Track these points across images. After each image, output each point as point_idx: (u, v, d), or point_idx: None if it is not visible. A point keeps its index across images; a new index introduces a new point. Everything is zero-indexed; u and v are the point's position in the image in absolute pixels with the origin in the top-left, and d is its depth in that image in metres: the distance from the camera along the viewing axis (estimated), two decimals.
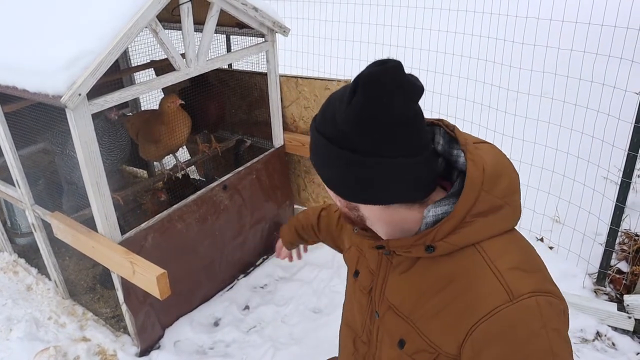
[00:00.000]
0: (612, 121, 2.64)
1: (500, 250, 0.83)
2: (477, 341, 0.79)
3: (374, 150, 0.79)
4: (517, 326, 0.76)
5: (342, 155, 0.80)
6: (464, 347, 0.81)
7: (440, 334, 0.86)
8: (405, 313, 0.93)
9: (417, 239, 0.85)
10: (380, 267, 1.00)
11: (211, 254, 2.66)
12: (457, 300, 0.83)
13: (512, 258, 0.82)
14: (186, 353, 2.41)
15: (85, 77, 1.76)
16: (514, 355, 0.76)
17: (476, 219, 0.82)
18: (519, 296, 0.77)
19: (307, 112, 2.93)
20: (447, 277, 0.85)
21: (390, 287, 0.97)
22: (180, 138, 2.66)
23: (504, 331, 0.76)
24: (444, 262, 0.86)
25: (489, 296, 0.79)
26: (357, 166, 0.80)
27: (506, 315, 0.76)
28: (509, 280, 0.79)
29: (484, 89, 3.44)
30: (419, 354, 0.90)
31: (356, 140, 0.79)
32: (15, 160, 2.31)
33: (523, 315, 0.76)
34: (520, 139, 3.14)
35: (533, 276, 0.81)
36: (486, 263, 0.82)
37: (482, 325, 0.78)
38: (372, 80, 0.77)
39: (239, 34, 2.87)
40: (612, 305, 2.44)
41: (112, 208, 2.06)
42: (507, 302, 0.77)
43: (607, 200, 2.66)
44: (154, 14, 1.92)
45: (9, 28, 2.18)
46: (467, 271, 0.83)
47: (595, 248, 2.68)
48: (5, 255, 3.06)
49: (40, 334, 2.47)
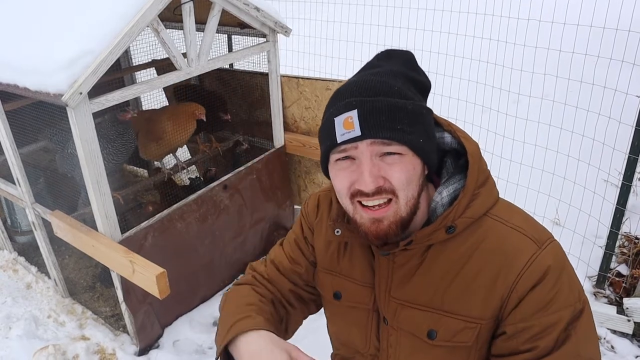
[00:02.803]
0: (613, 124, 2.63)
1: (507, 211, 0.92)
2: (522, 291, 0.85)
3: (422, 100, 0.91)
4: (551, 268, 0.85)
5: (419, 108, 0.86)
6: (508, 301, 0.86)
7: (478, 305, 0.88)
8: (424, 304, 0.93)
9: (440, 222, 0.88)
10: (380, 271, 0.98)
11: (211, 254, 2.66)
12: (486, 265, 0.88)
13: (519, 214, 0.93)
14: (185, 352, 2.41)
15: (87, 76, 1.76)
16: (552, 291, 0.85)
17: (481, 190, 0.89)
18: (542, 243, 0.87)
19: (307, 113, 2.93)
20: (467, 252, 0.90)
21: (399, 285, 0.96)
22: (184, 136, 2.67)
23: (543, 275, 0.85)
24: (458, 240, 0.90)
25: (520, 249, 0.87)
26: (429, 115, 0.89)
27: (540, 261, 0.85)
28: (530, 232, 0.89)
29: (485, 91, 3.44)
30: (458, 335, 0.91)
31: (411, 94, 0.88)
32: (15, 159, 2.31)
33: (552, 257, 0.86)
34: (521, 141, 3.14)
35: (539, 225, 0.92)
36: (504, 224, 0.90)
37: (525, 275, 0.85)
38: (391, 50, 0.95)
39: (241, 33, 2.87)
40: (611, 308, 2.44)
41: (112, 207, 2.06)
42: (537, 250, 0.86)
43: (607, 203, 2.65)
44: (155, 14, 1.92)
45: (10, 26, 2.18)
46: (488, 237, 0.89)
47: (595, 251, 2.68)
48: (5, 254, 3.06)
49: (40, 333, 2.47)
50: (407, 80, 0.89)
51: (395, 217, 0.87)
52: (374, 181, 0.84)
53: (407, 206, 0.87)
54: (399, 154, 0.84)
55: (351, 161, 0.87)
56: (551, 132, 3.08)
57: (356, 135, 0.83)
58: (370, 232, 0.89)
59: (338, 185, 0.90)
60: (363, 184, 0.84)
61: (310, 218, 1.14)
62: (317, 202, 1.14)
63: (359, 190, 0.86)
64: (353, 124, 0.82)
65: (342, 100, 0.86)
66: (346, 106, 0.84)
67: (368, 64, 0.95)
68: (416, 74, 0.92)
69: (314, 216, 1.13)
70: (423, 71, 0.95)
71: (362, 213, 0.88)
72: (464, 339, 0.90)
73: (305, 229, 1.15)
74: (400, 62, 0.93)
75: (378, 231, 0.88)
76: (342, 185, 0.89)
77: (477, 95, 3.48)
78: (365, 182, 0.84)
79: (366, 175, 0.84)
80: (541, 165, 3.04)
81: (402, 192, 0.86)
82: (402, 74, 0.89)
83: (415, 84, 0.90)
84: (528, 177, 2.95)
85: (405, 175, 0.85)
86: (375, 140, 0.83)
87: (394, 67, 0.91)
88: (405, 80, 0.89)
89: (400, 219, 0.87)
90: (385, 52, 0.96)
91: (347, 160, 0.87)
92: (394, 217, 0.87)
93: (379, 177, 0.85)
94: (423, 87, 0.92)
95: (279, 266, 1.14)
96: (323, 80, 2.76)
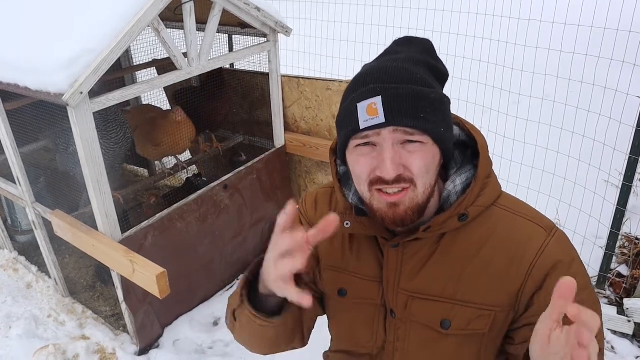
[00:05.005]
0: (614, 124, 2.63)
1: (513, 201, 0.96)
2: (539, 275, 0.88)
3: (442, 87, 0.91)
4: (563, 251, 0.90)
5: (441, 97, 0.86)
6: (525, 287, 0.89)
7: (492, 292, 0.90)
8: (437, 294, 0.93)
9: (455, 208, 0.90)
10: (389, 263, 0.97)
11: (211, 254, 2.66)
12: (499, 253, 0.90)
13: (525, 205, 0.96)
14: (185, 352, 2.41)
15: (87, 76, 1.76)
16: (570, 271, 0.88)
17: (489, 180, 0.93)
18: (550, 230, 0.91)
19: (308, 113, 2.93)
20: (479, 241, 0.92)
21: (409, 277, 0.96)
22: (181, 148, 2.66)
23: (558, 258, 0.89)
24: (470, 229, 0.92)
25: (531, 237, 0.90)
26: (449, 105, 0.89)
27: (552, 247, 0.89)
28: (538, 220, 0.92)
29: (486, 91, 3.44)
30: (472, 323, 0.92)
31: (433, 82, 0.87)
32: (16, 158, 2.31)
33: (562, 242, 0.91)
34: (522, 141, 3.14)
35: (543, 214, 0.95)
36: (513, 213, 0.93)
37: (540, 260, 0.88)
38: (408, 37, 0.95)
39: (241, 33, 2.87)
40: (611, 308, 2.43)
41: (112, 206, 2.06)
42: (548, 237, 0.90)
43: (607, 204, 2.65)
44: (156, 13, 1.92)
45: (10, 26, 2.18)
46: (499, 226, 0.92)
47: (596, 251, 2.67)
48: (5, 253, 3.07)
49: (40, 332, 2.47)
50: (428, 68, 0.88)
51: (412, 203, 0.87)
52: (396, 169, 0.84)
53: (425, 194, 0.87)
54: (420, 142, 0.84)
55: (372, 147, 0.87)
56: (552, 133, 3.08)
57: (380, 122, 0.82)
58: (388, 216, 0.88)
59: (358, 171, 0.89)
60: (385, 171, 0.84)
61: (309, 214, 1.12)
62: (314, 198, 1.13)
63: (379, 177, 0.86)
64: (377, 111, 0.82)
65: (365, 86, 0.85)
66: (370, 92, 0.83)
67: (387, 50, 0.94)
68: (435, 62, 0.91)
69: (313, 211, 1.11)
70: (441, 60, 0.93)
71: (379, 198, 0.88)
72: (479, 327, 0.92)
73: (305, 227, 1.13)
74: (420, 49, 0.91)
75: (395, 216, 0.88)
76: (362, 171, 0.88)
77: (477, 95, 3.48)
78: (387, 170, 0.84)
79: (388, 163, 0.84)
80: (542, 166, 3.04)
81: (421, 180, 0.86)
82: (422, 62, 0.88)
83: (435, 72, 0.90)
84: (528, 178, 2.95)
85: (425, 164, 0.85)
86: (398, 128, 0.83)
87: (414, 54, 0.89)
88: (426, 68, 0.88)
89: (416, 205, 0.87)
90: (405, 38, 0.94)
91: (368, 147, 0.87)
92: (410, 203, 0.87)
93: (400, 165, 0.85)
94: (442, 75, 0.92)
95: None
96: (323, 80, 2.76)
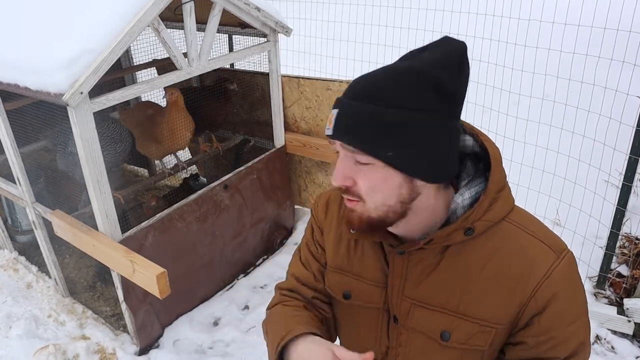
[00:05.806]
0: (614, 125, 2.63)
1: (525, 218, 0.92)
2: (542, 299, 0.86)
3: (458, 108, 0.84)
4: (569, 277, 0.88)
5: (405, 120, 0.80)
6: (526, 309, 0.87)
7: (496, 309, 0.88)
8: (440, 305, 0.93)
9: (460, 223, 0.88)
10: (394, 269, 0.97)
11: (211, 254, 2.66)
12: (505, 271, 0.88)
13: (537, 222, 0.92)
14: (185, 352, 2.41)
15: (87, 76, 1.76)
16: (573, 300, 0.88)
17: (500, 194, 0.89)
18: (560, 252, 0.88)
19: (308, 113, 2.93)
20: (486, 255, 0.89)
21: (413, 285, 0.95)
22: (182, 141, 2.66)
23: (563, 285, 0.87)
24: (477, 242, 0.89)
25: (540, 257, 0.87)
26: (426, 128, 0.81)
27: (560, 270, 0.86)
28: (548, 241, 0.89)
29: (486, 91, 3.44)
30: (472, 338, 0.90)
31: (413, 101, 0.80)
32: (16, 158, 2.31)
33: (569, 268, 0.88)
34: (522, 141, 3.14)
35: (555, 234, 0.92)
36: (523, 230, 0.89)
37: (545, 284, 0.85)
38: None
39: (241, 33, 2.87)
40: (611, 308, 2.43)
41: (112, 206, 2.06)
42: (556, 259, 0.87)
43: (608, 204, 2.65)
44: (156, 13, 1.92)
45: (10, 26, 2.18)
46: (507, 242, 0.89)
47: (596, 251, 2.68)
48: (5, 253, 3.07)
49: (40, 332, 2.48)
50: (429, 83, 0.79)
51: (362, 215, 0.88)
52: (343, 180, 0.86)
53: (378, 210, 0.87)
54: (367, 163, 0.84)
55: None
56: (552, 133, 3.08)
57: (330, 134, 0.85)
58: (345, 218, 0.92)
59: None
60: (332, 179, 0.88)
61: (319, 217, 1.14)
62: (326, 201, 1.14)
63: None
64: (332, 122, 0.85)
65: (344, 94, 0.87)
66: (336, 102, 0.86)
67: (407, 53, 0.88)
68: (447, 76, 0.80)
69: (323, 215, 1.13)
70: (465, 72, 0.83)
71: None
72: (479, 343, 0.90)
73: (315, 229, 1.15)
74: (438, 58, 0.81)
75: (349, 219, 0.90)
76: None
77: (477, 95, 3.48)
78: (334, 178, 0.87)
79: (335, 173, 0.87)
80: (542, 166, 3.04)
81: (370, 198, 0.86)
82: (425, 76, 0.79)
83: (438, 89, 0.80)
84: (528, 178, 2.95)
85: (370, 185, 0.85)
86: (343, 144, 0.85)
87: (424, 64, 0.81)
88: (425, 83, 0.79)
89: (367, 218, 0.88)
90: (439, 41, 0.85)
91: None
92: (360, 214, 0.88)
93: (349, 177, 0.86)
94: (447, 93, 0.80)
95: (299, 277, 1.15)
96: (323, 80, 2.76)
